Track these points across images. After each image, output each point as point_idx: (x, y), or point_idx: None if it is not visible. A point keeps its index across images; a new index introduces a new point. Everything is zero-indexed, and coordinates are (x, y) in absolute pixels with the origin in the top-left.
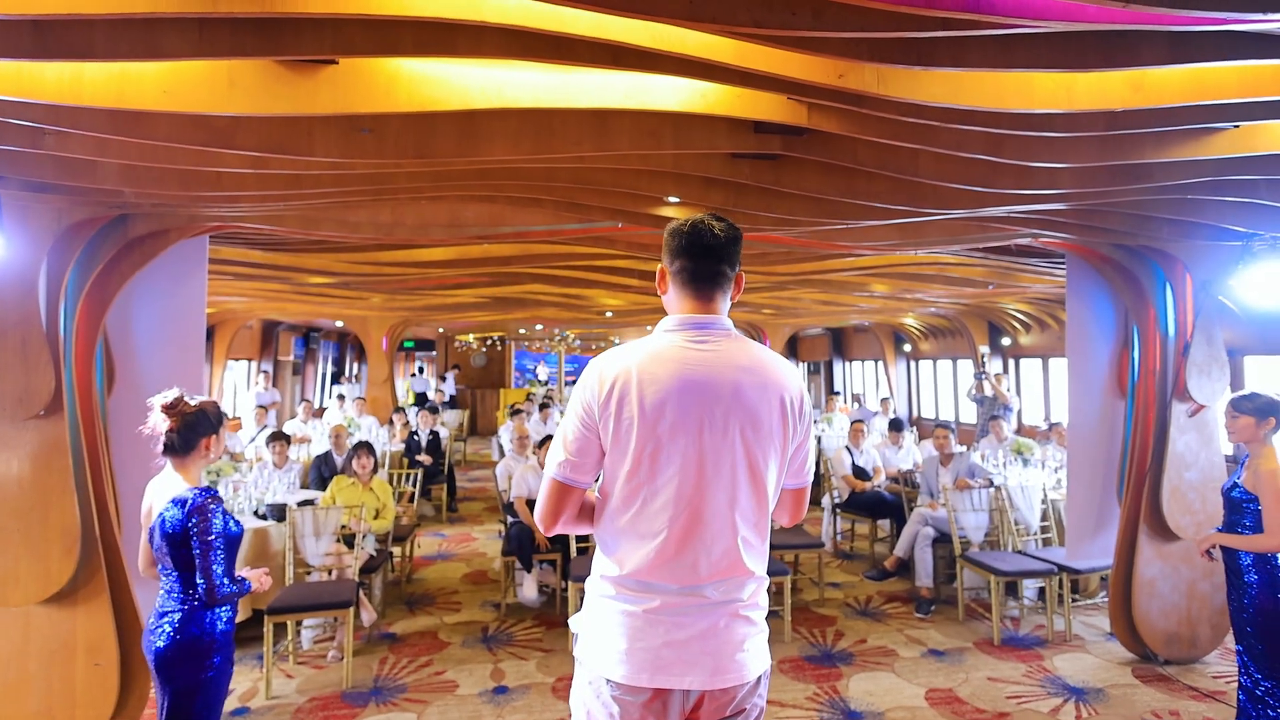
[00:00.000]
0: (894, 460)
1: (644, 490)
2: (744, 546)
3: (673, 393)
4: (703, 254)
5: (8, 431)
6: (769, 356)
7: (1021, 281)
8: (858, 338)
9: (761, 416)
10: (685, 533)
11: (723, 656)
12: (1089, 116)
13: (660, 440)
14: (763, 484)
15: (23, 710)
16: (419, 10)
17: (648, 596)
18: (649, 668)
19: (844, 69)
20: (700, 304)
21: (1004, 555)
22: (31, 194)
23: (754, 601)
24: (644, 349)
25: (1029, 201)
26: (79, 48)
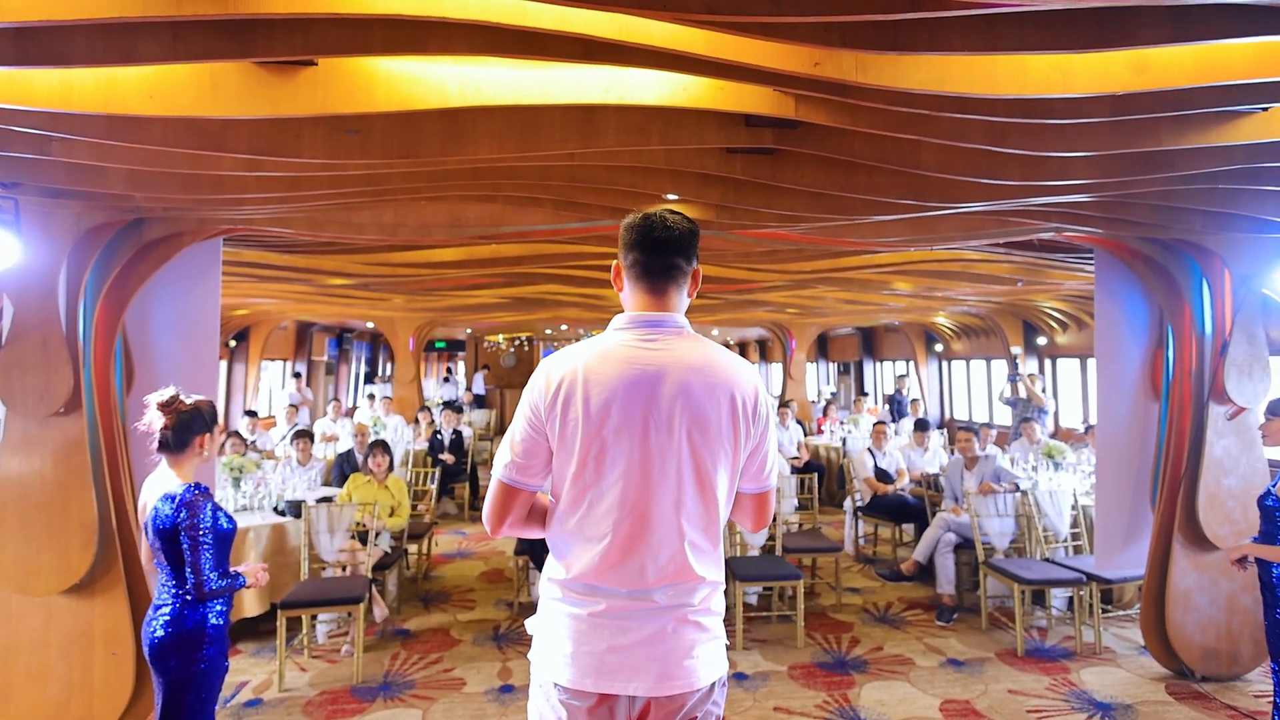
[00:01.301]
0: (919, 463)
1: (590, 493)
2: (692, 551)
3: (618, 393)
4: (656, 247)
5: (30, 428)
6: (721, 355)
7: (1052, 278)
8: (888, 337)
9: (709, 418)
10: (631, 537)
11: (670, 662)
12: (1091, 102)
13: (605, 442)
14: (710, 488)
15: (45, 697)
16: (383, 8)
17: (593, 600)
18: (593, 672)
19: (819, 57)
20: (653, 300)
21: (1029, 563)
22: (50, 200)
23: (705, 607)
24: (593, 348)
25: (1043, 193)
26: (60, 54)
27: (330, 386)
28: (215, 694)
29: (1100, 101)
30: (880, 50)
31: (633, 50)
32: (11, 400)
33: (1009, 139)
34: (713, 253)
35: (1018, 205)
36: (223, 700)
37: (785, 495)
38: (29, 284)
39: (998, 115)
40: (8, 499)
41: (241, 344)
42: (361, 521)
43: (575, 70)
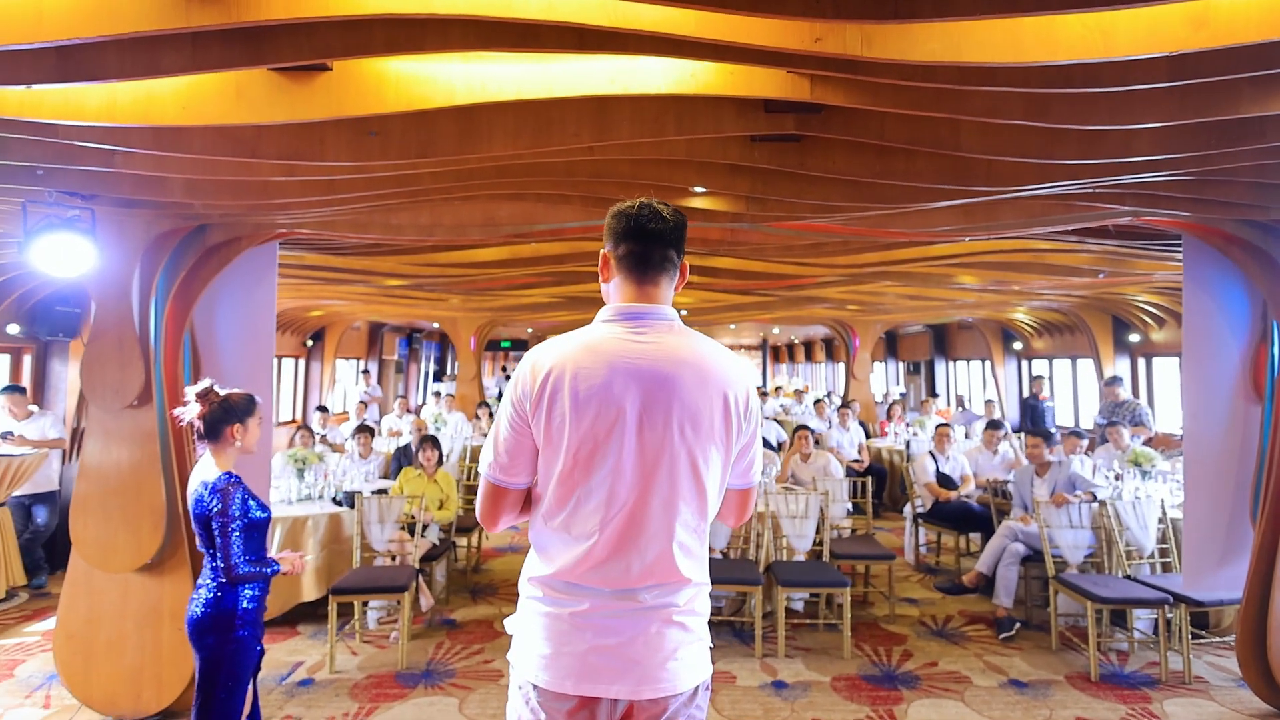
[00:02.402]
0: (988, 468)
1: (578, 490)
2: (680, 551)
3: (607, 388)
4: (651, 238)
5: (109, 420)
6: (713, 350)
7: (1140, 268)
8: (962, 335)
9: (702, 414)
10: (619, 535)
11: (653, 665)
12: (1142, 65)
13: (596, 438)
14: (703, 486)
15: (122, 664)
16: (376, 8)
17: (575, 599)
18: (574, 674)
19: (819, 31)
20: (642, 291)
21: (1106, 579)
22: (122, 209)
23: (690, 608)
24: (579, 340)
25: (1106, 173)
26: (94, 69)
27: (400, 384)
28: (248, 672)
29: (1154, 65)
30: (882, 20)
31: (626, 36)
32: (93, 393)
33: (1053, 112)
34: (751, 247)
35: (1081, 187)
36: (278, 678)
37: (836, 499)
38: (107, 286)
39: (1032, 86)
40: (91, 484)
41: (317, 343)
42: (410, 513)
43: (579, 62)
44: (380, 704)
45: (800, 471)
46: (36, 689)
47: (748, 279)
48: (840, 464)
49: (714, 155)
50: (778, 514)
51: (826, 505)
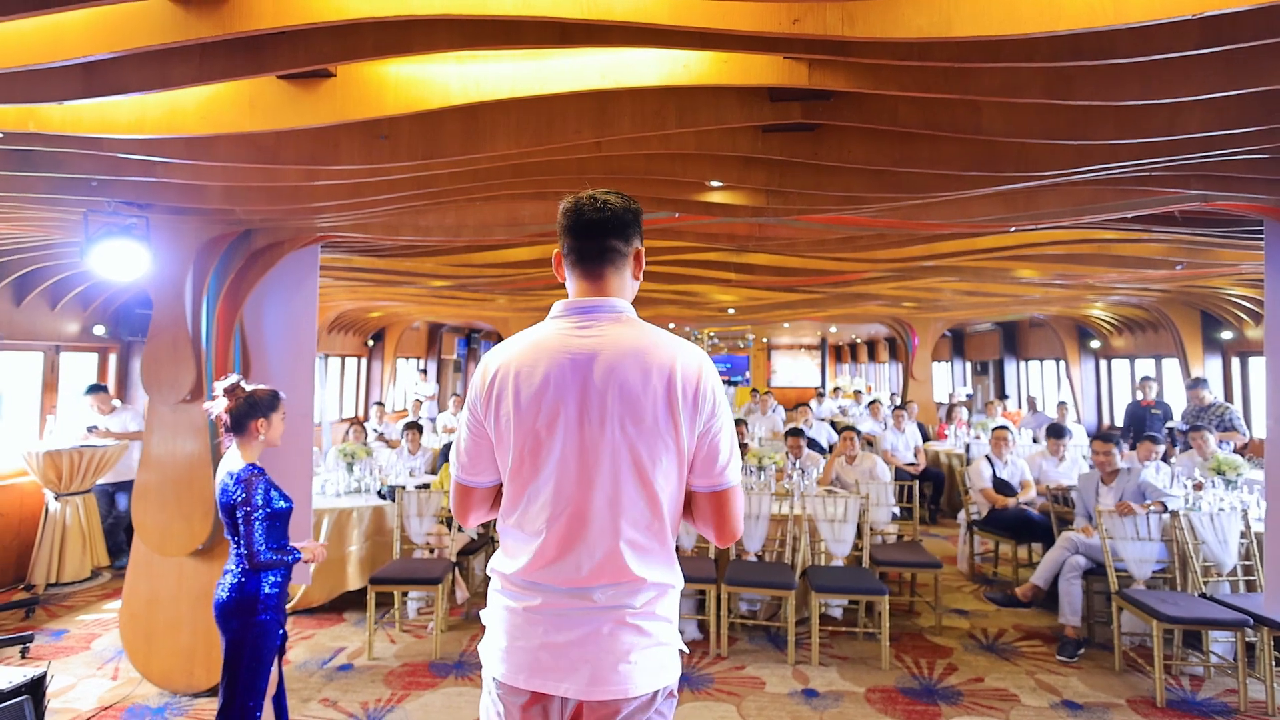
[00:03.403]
0: (1052, 473)
1: (528, 488)
2: (631, 550)
3: (548, 385)
4: (589, 230)
5: (166, 414)
6: (660, 340)
7: (1223, 259)
8: (1034, 333)
9: (644, 407)
10: (567, 533)
11: (603, 666)
12: (1165, 31)
13: (538, 436)
14: (649, 482)
15: (177, 643)
16: (356, 13)
17: (531, 594)
18: (526, 668)
19: (797, 12)
20: (590, 285)
21: (1177, 597)
22: (175, 216)
23: (649, 611)
24: (526, 339)
25: (1155, 153)
26: (115, 84)
27: (458, 383)
28: (270, 654)
29: (1180, 30)
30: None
31: (609, 29)
32: (151, 389)
33: (1078, 89)
34: (782, 242)
35: (1131, 170)
36: (320, 662)
37: (879, 503)
38: (163, 289)
39: (1039, 60)
40: (151, 473)
41: (378, 343)
42: (448, 507)
43: (571, 58)
44: (412, 691)
45: (845, 474)
46: (108, 661)
47: (788, 275)
48: (888, 467)
49: (724, 148)
50: (815, 517)
51: (866, 509)
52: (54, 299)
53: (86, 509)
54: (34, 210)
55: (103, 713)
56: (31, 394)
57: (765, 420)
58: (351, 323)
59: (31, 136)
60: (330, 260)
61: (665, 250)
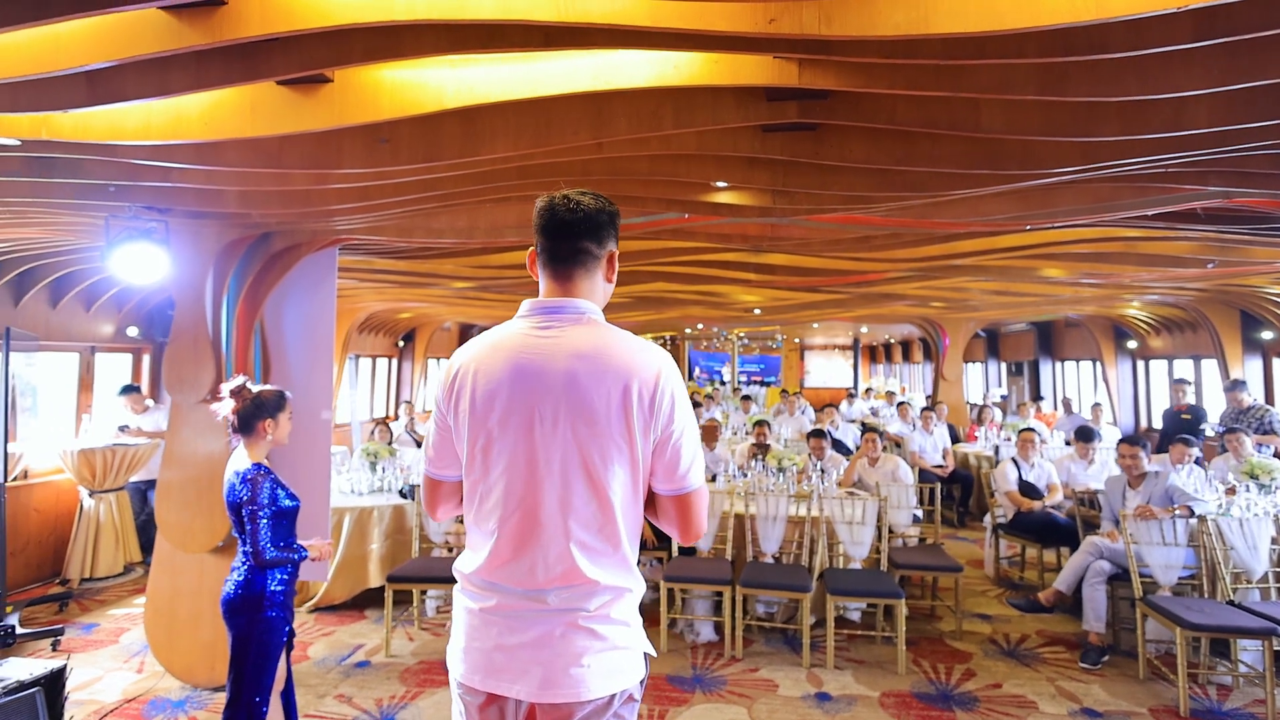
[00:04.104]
0: (1080, 477)
1: (480, 487)
2: (583, 553)
3: (503, 385)
4: (560, 231)
5: (187, 413)
6: (618, 341)
7: (1257, 257)
8: (1070, 333)
9: (597, 410)
10: (519, 534)
11: (555, 669)
12: (1157, 24)
13: (491, 435)
14: (601, 486)
15: (198, 638)
16: (340, 19)
17: (488, 595)
18: (481, 669)
19: (773, 11)
20: (558, 285)
21: (1203, 604)
22: (195, 220)
23: (603, 614)
24: (489, 339)
25: (1167, 149)
26: (117, 91)
27: None
28: (276, 650)
29: (1172, 23)
30: None
31: (592, 31)
32: (173, 388)
33: (1073, 85)
34: (796, 242)
35: (1145, 167)
36: (339, 658)
37: (900, 506)
38: (184, 291)
39: (1029, 56)
40: (173, 471)
41: (409, 344)
42: None
43: (562, 61)
44: (425, 689)
45: (867, 476)
46: (134, 655)
47: (809, 275)
48: (910, 469)
49: (726, 148)
50: (833, 519)
51: (884, 511)
52: (89, 301)
53: (120, 506)
54: (62, 215)
55: (126, 705)
56: (68, 394)
57: (793, 421)
58: (381, 323)
59: (52, 144)
60: (352, 262)
61: (682, 251)
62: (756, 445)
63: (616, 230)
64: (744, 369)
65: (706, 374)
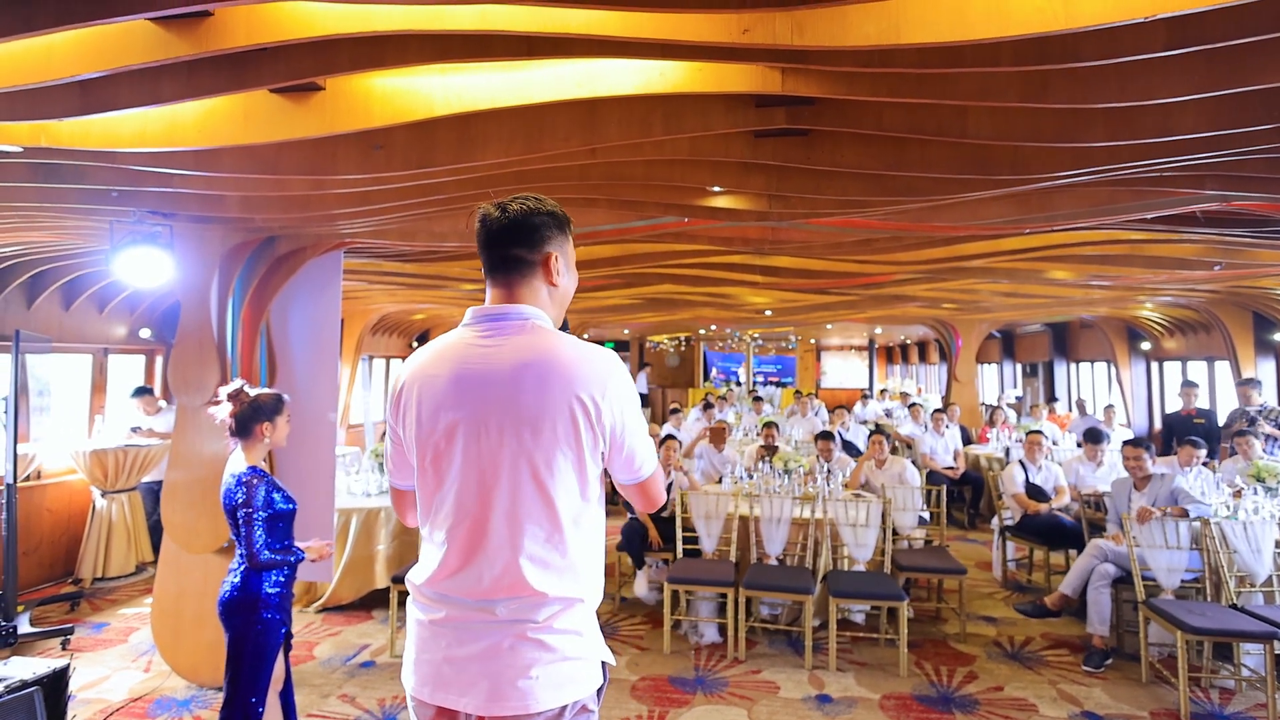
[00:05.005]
0: (1089, 479)
1: (434, 498)
2: (531, 564)
3: (449, 395)
4: (491, 241)
5: (192, 415)
6: (564, 348)
7: (1263, 259)
8: (1084, 334)
9: (544, 418)
10: (468, 545)
11: (502, 681)
12: (1131, 33)
13: (439, 447)
14: (547, 494)
15: (203, 637)
16: (320, 30)
17: (437, 607)
18: (430, 681)
19: (747, 22)
20: (499, 293)
21: (1204, 607)
22: (200, 224)
23: (552, 625)
24: (433, 349)
25: (1157, 154)
26: (109, 100)
27: None
28: (272, 651)
29: (1148, 31)
30: (808, 5)
31: (570, 41)
32: (178, 390)
33: (1054, 92)
34: (797, 245)
35: (1140, 171)
36: (344, 659)
37: (906, 508)
38: (189, 294)
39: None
40: (179, 472)
41: (423, 344)
42: None
43: (547, 69)
44: None
45: (874, 478)
46: (142, 655)
47: (815, 277)
48: (918, 471)
49: (718, 153)
50: (837, 522)
51: (888, 513)
52: (102, 303)
53: (132, 506)
54: (69, 219)
55: (132, 704)
56: (81, 395)
57: (805, 423)
58: (395, 325)
59: (53, 151)
60: (360, 265)
61: (686, 254)
62: (765, 447)
63: (560, 232)
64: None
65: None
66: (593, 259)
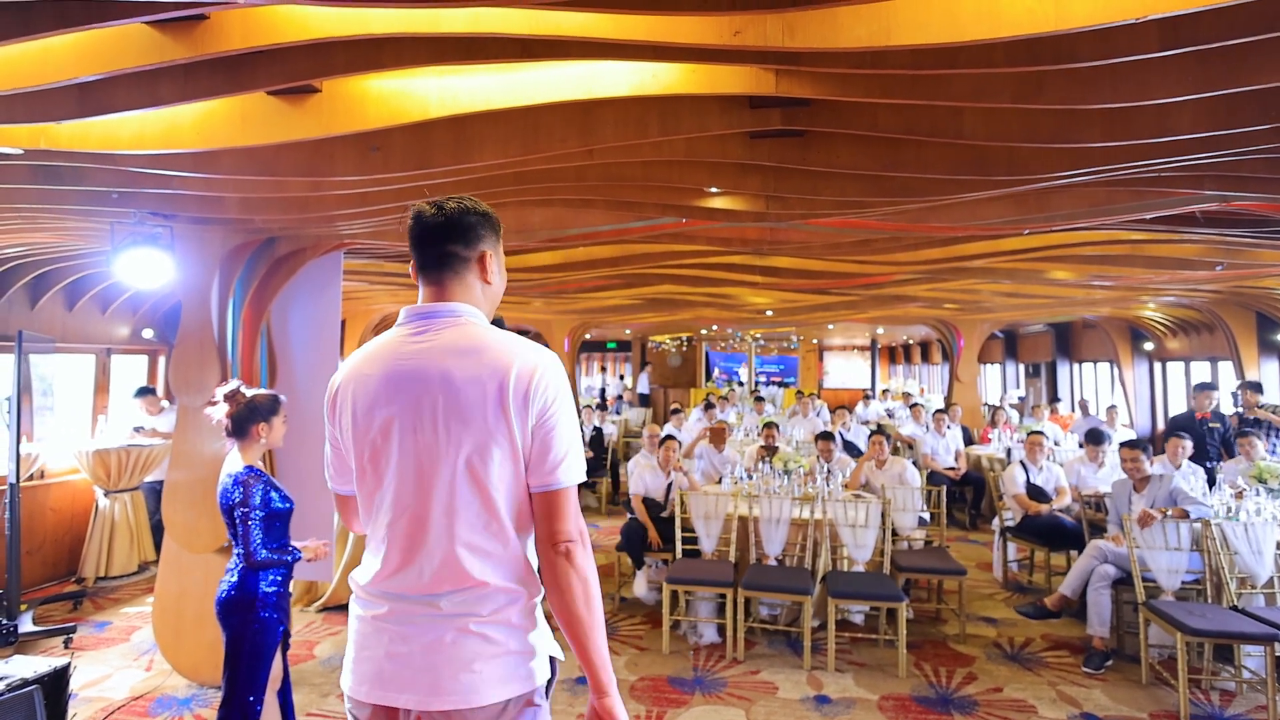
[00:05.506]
0: (1090, 480)
1: (374, 497)
2: (470, 554)
3: (381, 393)
4: (424, 237)
5: (193, 415)
6: (494, 339)
7: (1264, 259)
8: (1087, 335)
9: (473, 408)
10: (408, 539)
11: (444, 675)
12: (1124, 33)
13: (375, 444)
14: (482, 483)
15: (203, 637)
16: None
17: (379, 603)
18: (369, 680)
19: (738, 24)
20: (431, 291)
21: (1204, 608)
22: (200, 225)
23: (496, 619)
24: (366, 350)
25: (1154, 155)
26: (107, 103)
27: None
28: (270, 650)
29: (1140, 32)
30: (798, 7)
31: (564, 43)
32: (179, 391)
33: (1048, 92)
34: (796, 245)
35: (1139, 172)
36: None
37: (906, 509)
38: (190, 294)
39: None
40: (180, 472)
41: None
42: None
43: (541, 71)
44: None
45: (874, 478)
46: (143, 654)
47: (815, 278)
48: (918, 472)
49: (715, 154)
50: (836, 522)
51: (888, 514)
52: (104, 304)
53: (134, 505)
54: (70, 221)
55: (133, 702)
56: (84, 395)
57: (806, 423)
58: None
59: (53, 153)
60: (362, 265)
61: (685, 254)
62: (765, 447)
63: (493, 233)
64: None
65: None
66: (592, 259)
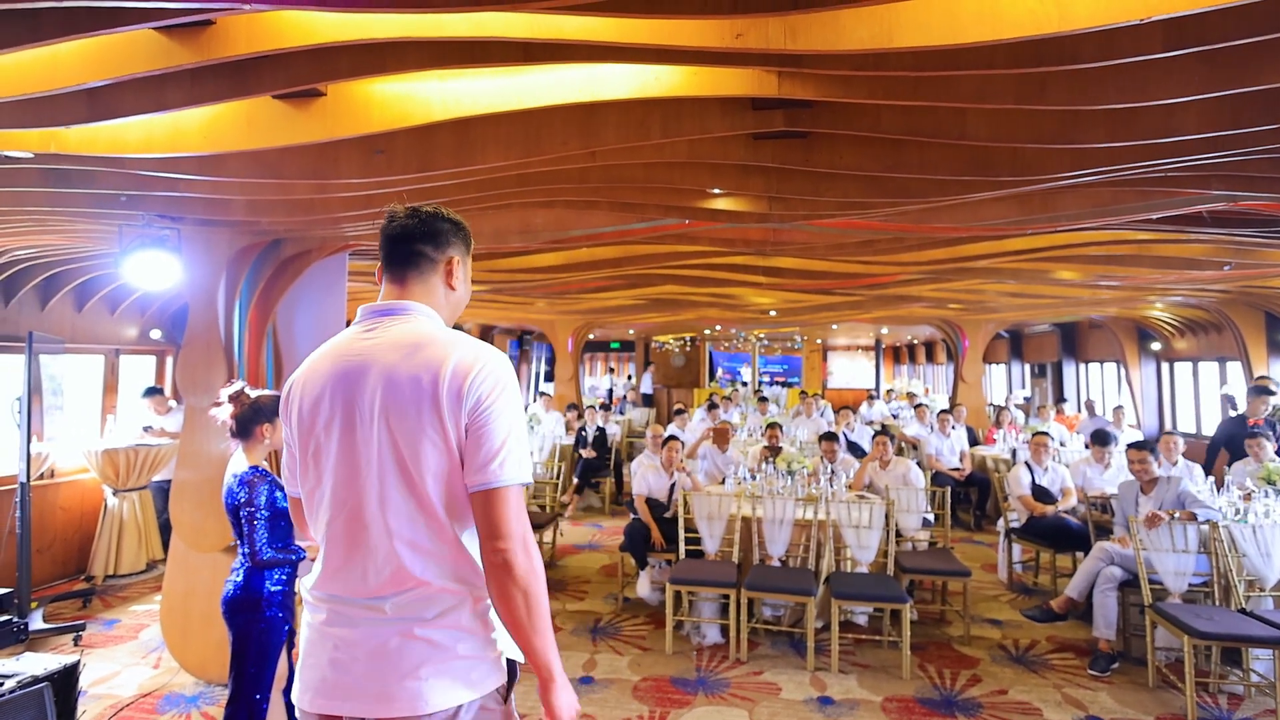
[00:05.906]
0: (1096, 481)
1: (316, 494)
2: (411, 552)
3: (326, 389)
4: (393, 238)
5: (200, 415)
6: (439, 335)
7: (1272, 259)
8: (1093, 334)
9: (409, 402)
10: (348, 539)
11: (389, 682)
12: (1128, 34)
13: (319, 440)
14: (416, 481)
15: (210, 635)
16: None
17: (323, 607)
18: (313, 688)
19: (740, 27)
20: (392, 288)
21: (1212, 611)
22: (207, 227)
23: (442, 622)
24: (321, 349)
25: (1159, 155)
26: (115, 108)
27: None
28: (276, 649)
29: (1145, 33)
30: (800, 10)
31: (568, 46)
32: (186, 390)
33: (1051, 94)
34: (799, 246)
35: (1144, 172)
36: None
37: (910, 510)
38: (197, 295)
39: (1000, 67)
40: (187, 472)
41: None
42: None
43: (543, 74)
44: None
45: (877, 479)
46: (151, 651)
47: (819, 278)
48: (922, 473)
49: (717, 155)
50: (839, 523)
51: (892, 515)
52: (113, 305)
53: (143, 504)
54: (80, 223)
55: (141, 700)
56: (93, 395)
57: (810, 423)
58: None
59: (62, 157)
60: (366, 266)
61: (688, 255)
62: (768, 448)
63: (463, 243)
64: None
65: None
66: (595, 260)
